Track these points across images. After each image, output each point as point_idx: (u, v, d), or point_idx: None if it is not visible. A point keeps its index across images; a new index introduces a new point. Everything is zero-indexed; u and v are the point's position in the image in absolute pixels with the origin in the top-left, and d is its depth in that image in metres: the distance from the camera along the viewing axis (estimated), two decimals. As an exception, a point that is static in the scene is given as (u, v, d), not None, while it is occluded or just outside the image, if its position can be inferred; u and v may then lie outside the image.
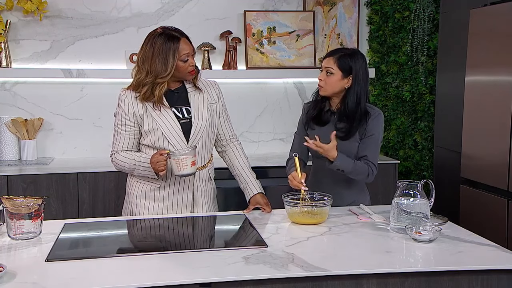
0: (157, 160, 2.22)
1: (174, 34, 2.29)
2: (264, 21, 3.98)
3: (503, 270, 1.81)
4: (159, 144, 2.33)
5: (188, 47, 2.31)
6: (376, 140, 2.45)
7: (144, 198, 2.41)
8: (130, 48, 3.75)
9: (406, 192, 2.12)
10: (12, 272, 1.66)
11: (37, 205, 2.03)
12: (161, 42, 2.27)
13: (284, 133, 4.11)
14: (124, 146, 2.38)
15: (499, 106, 3.04)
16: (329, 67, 2.42)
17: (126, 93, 2.36)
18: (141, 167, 2.32)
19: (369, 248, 1.95)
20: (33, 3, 3.56)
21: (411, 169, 4.15)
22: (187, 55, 2.29)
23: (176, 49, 2.27)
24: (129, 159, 2.35)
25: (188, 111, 2.39)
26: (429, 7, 3.90)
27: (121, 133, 2.37)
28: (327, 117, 2.50)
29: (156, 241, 2.11)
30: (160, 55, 2.26)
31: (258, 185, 2.48)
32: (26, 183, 3.30)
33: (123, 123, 2.36)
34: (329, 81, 2.42)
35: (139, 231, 2.28)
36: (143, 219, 2.34)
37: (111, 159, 2.42)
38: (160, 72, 2.26)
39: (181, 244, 2.06)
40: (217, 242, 2.15)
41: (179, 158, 2.19)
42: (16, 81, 3.73)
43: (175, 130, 2.33)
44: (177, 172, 2.22)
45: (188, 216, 2.38)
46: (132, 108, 2.33)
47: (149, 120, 2.33)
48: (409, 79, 4.08)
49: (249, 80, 4.03)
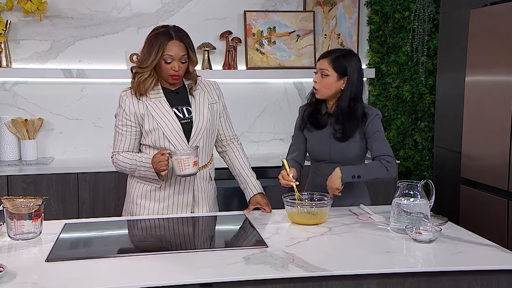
0: (159, 160, 2.21)
1: (170, 32, 2.28)
2: (264, 21, 3.98)
3: (503, 270, 1.81)
4: (160, 144, 2.33)
5: (177, 50, 2.26)
6: (381, 135, 2.44)
7: (144, 199, 2.41)
8: (130, 48, 3.75)
9: (406, 192, 2.12)
10: (12, 272, 1.66)
11: (37, 205, 2.04)
12: (155, 34, 2.28)
13: (284, 133, 4.11)
14: (125, 146, 2.37)
15: (499, 106, 3.04)
16: (324, 69, 2.40)
17: (127, 94, 2.36)
18: (142, 168, 2.31)
19: (369, 248, 1.95)
20: (33, 3, 3.56)
21: (411, 169, 4.15)
22: (171, 57, 2.26)
23: (162, 46, 2.24)
24: (130, 159, 2.34)
25: (188, 111, 2.38)
26: (429, 7, 3.90)
27: (122, 134, 2.36)
28: (325, 120, 2.49)
29: (156, 241, 2.11)
30: (147, 46, 2.27)
31: (258, 185, 2.48)
32: (26, 183, 3.30)
33: (124, 124, 2.35)
34: (324, 83, 2.40)
35: (139, 231, 2.28)
36: (143, 219, 2.34)
37: (112, 160, 2.41)
38: (142, 61, 2.27)
39: (182, 244, 2.06)
40: (217, 242, 2.15)
41: (181, 158, 2.18)
42: (16, 81, 3.73)
43: (176, 130, 2.33)
44: (179, 172, 2.21)
45: (189, 216, 2.38)
46: (133, 108, 2.33)
47: (149, 120, 2.32)
48: (409, 79, 4.08)
49: (249, 80, 4.03)
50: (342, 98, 2.42)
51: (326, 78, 2.40)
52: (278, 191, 2.47)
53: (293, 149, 2.60)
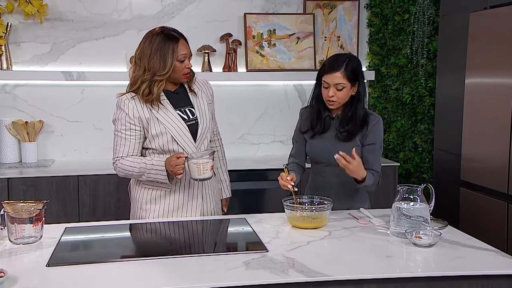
0: (176, 163, 2.21)
1: (173, 34, 2.32)
2: (264, 24, 3.98)
3: (503, 275, 1.81)
4: (168, 147, 2.33)
5: (186, 48, 2.33)
6: (378, 149, 2.46)
7: (153, 203, 2.40)
8: (130, 51, 3.70)
9: (406, 196, 2.13)
10: (13, 278, 1.66)
11: (38, 209, 2.04)
12: (159, 40, 2.28)
13: (284, 135, 4.11)
14: (130, 151, 2.34)
15: (499, 109, 3.04)
16: (340, 83, 2.37)
17: (128, 97, 2.34)
18: (153, 171, 2.29)
19: (369, 253, 1.95)
20: (34, 5, 3.57)
21: (411, 171, 4.15)
22: (184, 56, 2.32)
23: (175, 48, 2.28)
24: (138, 163, 2.32)
25: (191, 112, 2.40)
26: (429, 10, 3.91)
27: (126, 138, 2.34)
28: (327, 123, 2.50)
29: (156, 246, 2.11)
30: (158, 53, 2.27)
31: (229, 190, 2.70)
32: (27, 186, 3.31)
33: (127, 128, 2.33)
34: (341, 95, 2.39)
35: (139, 236, 2.28)
36: (143, 223, 2.34)
37: (115, 166, 2.38)
38: (158, 69, 2.28)
39: (182, 249, 2.06)
40: (217, 246, 2.15)
41: (201, 163, 2.21)
42: (17, 84, 3.74)
43: (183, 133, 2.34)
44: (197, 176, 2.23)
45: (188, 220, 2.38)
46: (137, 113, 2.32)
47: (155, 124, 2.32)
48: (409, 82, 4.09)
49: (249, 83, 4.03)
50: (353, 103, 2.44)
51: (342, 90, 2.39)
52: (278, 194, 2.48)
53: (295, 152, 2.61)
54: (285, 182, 2.32)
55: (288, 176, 2.34)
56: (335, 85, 2.38)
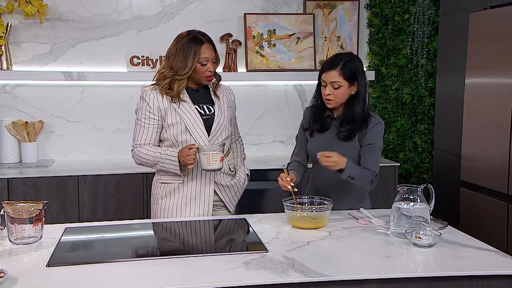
0: (187, 154, 2.31)
1: (199, 37, 2.43)
2: (264, 24, 3.98)
3: (503, 276, 1.81)
4: (181, 137, 2.42)
5: (210, 52, 2.43)
6: (376, 149, 2.45)
7: (167, 198, 2.48)
8: (130, 51, 3.76)
9: (406, 196, 2.13)
10: (14, 278, 1.66)
11: (38, 210, 2.04)
12: (185, 41, 2.41)
13: (284, 135, 4.11)
14: (147, 139, 2.45)
15: (499, 109, 3.04)
16: (335, 81, 2.38)
17: (150, 89, 2.46)
18: (166, 161, 2.39)
19: (369, 253, 1.95)
20: (34, 6, 3.57)
21: (411, 172, 4.16)
22: (207, 59, 2.41)
23: (197, 51, 2.39)
24: (153, 152, 2.42)
25: (209, 109, 2.50)
26: (429, 10, 3.91)
27: (144, 127, 2.45)
28: (328, 123, 2.50)
29: (156, 246, 2.11)
30: (181, 53, 2.39)
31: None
32: (27, 186, 3.31)
33: (147, 117, 2.44)
34: (338, 94, 2.40)
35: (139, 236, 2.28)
36: (143, 223, 2.35)
37: (133, 153, 2.49)
38: (179, 69, 2.40)
39: (182, 249, 2.06)
40: (217, 246, 2.15)
41: (210, 153, 2.29)
42: (17, 84, 3.74)
43: (197, 125, 2.43)
44: (206, 166, 2.31)
45: (188, 220, 2.38)
46: (157, 102, 2.43)
47: (172, 113, 2.42)
48: (409, 82, 4.09)
49: (249, 83, 4.03)
50: (353, 103, 2.43)
51: (339, 89, 2.40)
52: (278, 194, 2.48)
53: (297, 151, 2.62)
54: (285, 183, 2.34)
55: (287, 176, 2.34)
56: (331, 83, 2.40)
